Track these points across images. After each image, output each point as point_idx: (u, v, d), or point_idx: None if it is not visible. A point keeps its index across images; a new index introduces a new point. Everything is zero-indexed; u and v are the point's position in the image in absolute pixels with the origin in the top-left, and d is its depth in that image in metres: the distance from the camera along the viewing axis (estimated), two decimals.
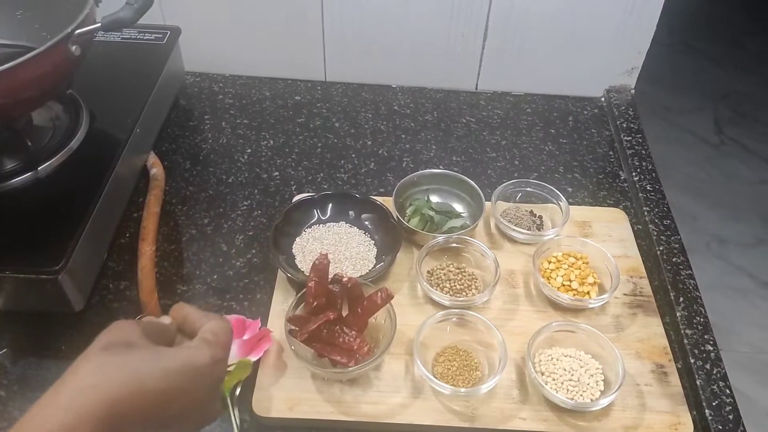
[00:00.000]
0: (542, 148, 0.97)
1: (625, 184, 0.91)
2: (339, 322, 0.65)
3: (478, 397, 0.64)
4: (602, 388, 0.64)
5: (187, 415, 0.42)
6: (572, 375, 0.65)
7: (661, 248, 0.80)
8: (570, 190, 0.90)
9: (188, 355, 0.42)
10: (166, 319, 0.47)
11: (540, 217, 0.83)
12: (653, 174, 0.91)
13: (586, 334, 0.68)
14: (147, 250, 0.76)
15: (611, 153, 0.97)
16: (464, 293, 0.73)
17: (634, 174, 0.90)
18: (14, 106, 0.70)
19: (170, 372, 0.40)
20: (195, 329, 0.45)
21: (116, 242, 0.80)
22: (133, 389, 0.38)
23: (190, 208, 0.85)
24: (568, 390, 0.64)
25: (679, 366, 0.69)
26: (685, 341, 0.70)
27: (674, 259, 0.79)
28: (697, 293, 0.75)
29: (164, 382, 0.39)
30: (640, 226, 0.84)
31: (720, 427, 0.63)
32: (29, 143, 0.77)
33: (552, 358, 0.67)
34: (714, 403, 0.65)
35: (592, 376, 0.65)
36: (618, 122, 1.00)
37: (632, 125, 0.99)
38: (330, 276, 0.65)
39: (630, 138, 0.97)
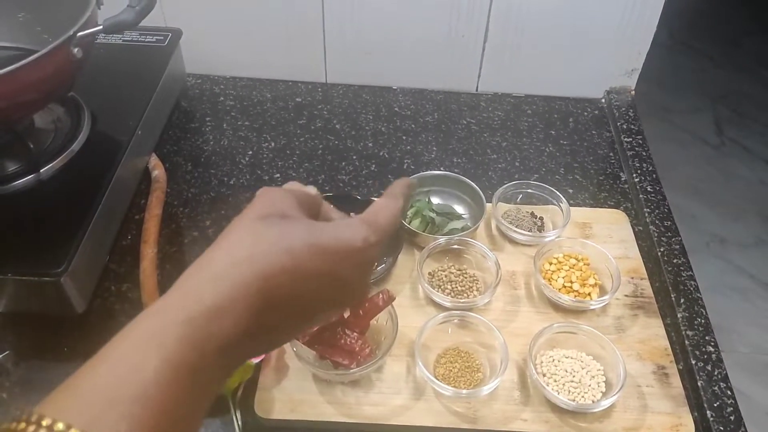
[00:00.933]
0: (543, 150, 0.97)
1: (626, 186, 0.91)
2: (341, 324, 0.65)
3: (480, 398, 0.64)
4: (603, 389, 0.65)
5: (335, 296, 0.40)
6: (573, 376, 0.65)
7: (661, 249, 0.80)
8: (571, 191, 0.90)
9: (343, 234, 0.39)
10: (312, 189, 0.44)
11: (541, 218, 0.83)
12: (654, 175, 0.91)
13: (587, 335, 0.68)
14: (149, 252, 0.76)
15: (612, 154, 0.97)
16: (465, 295, 0.73)
17: (634, 175, 0.91)
18: (16, 108, 0.70)
19: (325, 250, 0.37)
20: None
21: (118, 244, 0.80)
22: (287, 265, 0.36)
23: (192, 210, 0.85)
24: (569, 391, 0.64)
25: (681, 367, 0.69)
26: (686, 342, 0.71)
27: (675, 261, 0.79)
28: (698, 295, 0.75)
29: (318, 261, 0.37)
30: (640, 228, 0.85)
31: (721, 428, 0.64)
32: (31, 146, 0.77)
33: (553, 360, 0.67)
34: (715, 404, 0.65)
35: (593, 377, 0.65)
36: (618, 123, 1.00)
37: (632, 126, 0.99)
38: None
39: (630, 139, 0.97)
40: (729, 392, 0.66)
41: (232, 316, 0.34)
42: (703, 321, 0.73)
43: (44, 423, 0.28)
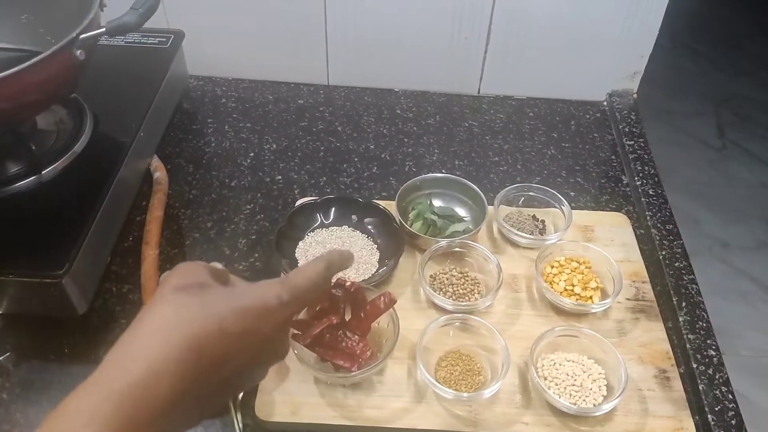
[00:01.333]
0: (544, 153, 0.97)
1: (628, 189, 0.91)
2: (342, 327, 0.65)
3: (481, 401, 0.64)
4: (605, 393, 0.64)
5: (260, 355, 0.41)
6: (575, 380, 0.65)
7: (663, 253, 0.80)
8: (572, 194, 0.90)
9: (258, 293, 0.41)
10: (218, 265, 0.46)
11: (542, 221, 0.83)
12: (655, 178, 0.91)
13: (588, 338, 0.68)
14: (150, 254, 0.76)
15: (613, 157, 0.97)
16: (467, 298, 0.73)
17: (636, 178, 0.90)
18: (19, 110, 0.70)
19: (245, 311, 0.39)
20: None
21: (119, 246, 0.80)
22: (213, 330, 0.37)
23: (193, 212, 0.85)
24: (570, 395, 0.64)
25: (682, 371, 0.69)
26: (688, 346, 0.70)
27: (677, 264, 0.79)
28: (700, 298, 0.75)
29: (241, 322, 0.38)
30: (642, 231, 0.84)
31: None
32: (33, 147, 0.77)
33: (555, 363, 0.67)
34: (716, 408, 0.65)
35: (594, 381, 0.65)
36: (620, 126, 1.00)
37: (634, 129, 0.99)
38: (333, 280, 0.65)
39: (632, 142, 0.97)
40: (730, 396, 0.66)
41: (163, 384, 0.34)
42: (704, 325, 0.72)
43: None
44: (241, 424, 0.63)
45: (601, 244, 0.80)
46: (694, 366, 0.69)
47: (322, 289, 0.45)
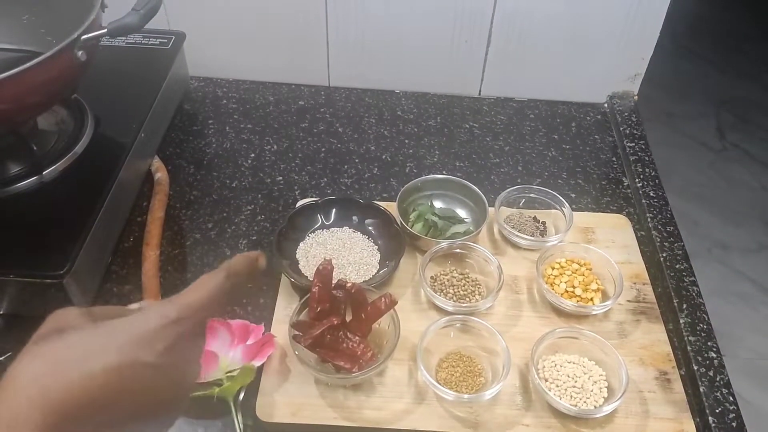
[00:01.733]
0: (545, 154, 0.97)
1: (629, 191, 0.91)
2: (343, 328, 0.65)
3: (482, 403, 0.64)
4: (606, 394, 0.64)
5: (156, 387, 0.37)
6: (576, 382, 0.65)
7: (664, 255, 0.80)
8: (573, 196, 0.90)
9: (138, 320, 0.37)
10: (134, 305, 0.42)
11: (543, 223, 0.83)
12: (656, 180, 0.91)
13: (589, 340, 0.68)
14: (151, 255, 0.76)
15: (614, 159, 0.97)
16: (468, 299, 0.73)
17: (637, 180, 0.91)
18: (20, 110, 0.70)
19: (120, 344, 0.35)
20: None
21: (120, 246, 0.80)
22: (73, 377, 0.33)
23: (194, 213, 0.85)
24: (571, 397, 0.64)
25: (683, 373, 0.69)
26: (689, 348, 0.70)
27: (677, 266, 0.79)
28: (701, 300, 0.75)
29: (115, 358, 0.34)
30: (643, 233, 0.84)
31: None
32: (34, 147, 0.77)
33: (555, 365, 0.67)
34: (717, 410, 0.65)
35: (595, 382, 0.65)
36: (621, 128, 1.00)
37: (635, 131, 0.99)
38: (334, 281, 0.65)
39: (633, 144, 0.97)
40: (731, 398, 0.66)
41: None
42: (705, 327, 0.72)
43: None
44: (241, 426, 0.63)
45: (602, 245, 0.80)
46: (695, 368, 0.69)
47: (223, 300, 0.40)
